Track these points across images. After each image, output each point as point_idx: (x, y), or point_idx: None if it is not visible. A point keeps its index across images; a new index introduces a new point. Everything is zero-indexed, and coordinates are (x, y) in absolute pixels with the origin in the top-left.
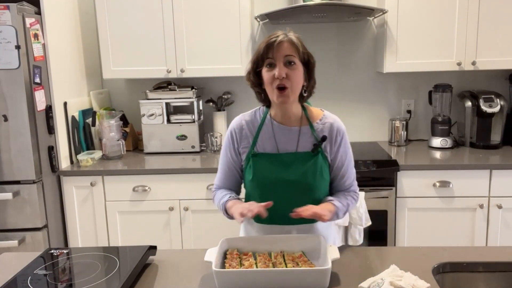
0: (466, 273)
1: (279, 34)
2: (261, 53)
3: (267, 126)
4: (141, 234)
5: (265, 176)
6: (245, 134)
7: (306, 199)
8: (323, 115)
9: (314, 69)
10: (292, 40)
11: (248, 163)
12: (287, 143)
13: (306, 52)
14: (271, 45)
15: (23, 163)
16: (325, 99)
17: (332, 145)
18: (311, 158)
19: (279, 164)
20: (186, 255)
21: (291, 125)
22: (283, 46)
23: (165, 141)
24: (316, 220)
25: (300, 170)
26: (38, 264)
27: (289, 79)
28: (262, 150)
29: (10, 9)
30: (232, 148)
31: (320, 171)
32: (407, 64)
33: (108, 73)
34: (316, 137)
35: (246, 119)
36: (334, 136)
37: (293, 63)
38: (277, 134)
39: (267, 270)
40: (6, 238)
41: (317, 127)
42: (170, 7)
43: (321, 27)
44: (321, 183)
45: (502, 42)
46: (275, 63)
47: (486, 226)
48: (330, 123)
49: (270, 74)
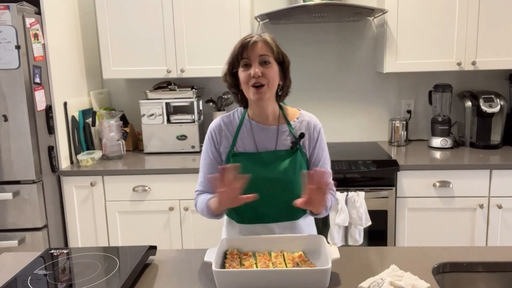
0: (466, 273)
1: (253, 35)
2: (236, 53)
3: (245, 126)
4: (141, 234)
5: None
6: (225, 135)
7: (287, 196)
8: (300, 113)
9: (289, 68)
10: (266, 40)
11: (228, 163)
12: (266, 141)
13: (280, 52)
14: (245, 46)
15: (23, 163)
16: (325, 99)
17: (310, 141)
18: (290, 155)
19: (259, 162)
20: (186, 255)
21: (269, 124)
22: (258, 46)
23: (165, 141)
24: (298, 217)
25: (280, 167)
26: (38, 264)
27: (265, 77)
28: (242, 149)
29: (10, 9)
30: (213, 148)
31: (300, 168)
32: (407, 64)
33: (108, 73)
34: (294, 135)
35: (225, 120)
36: (311, 132)
37: (268, 62)
38: (256, 134)
39: (267, 270)
40: (6, 238)
41: (295, 125)
42: (170, 7)
43: (321, 27)
44: (301, 179)
45: (502, 42)
46: (250, 63)
47: (486, 226)
48: (307, 121)
49: (246, 74)
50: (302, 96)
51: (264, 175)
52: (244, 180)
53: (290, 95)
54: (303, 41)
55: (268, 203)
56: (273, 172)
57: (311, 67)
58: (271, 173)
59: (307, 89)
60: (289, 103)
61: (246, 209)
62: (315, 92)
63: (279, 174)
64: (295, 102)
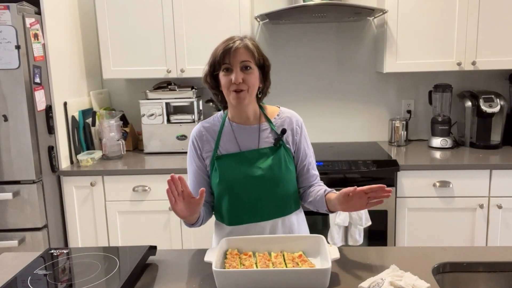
0: (466, 273)
1: (235, 39)
2: (218, 58)
3: (227, 128)
4: (141, 234)
5: (231, 176)
6: (206, 139)
7: (275, 192)
8: (280, 110)
9: (269, 71)
10: (248, 45)
11: (213, 167)
12: (249, 141)
13: (261, 56)
14: (227, 51)
15: (23, 163)
16: (325, 99)
17: (293, 135)
18: (274, 151)
19: (243, 162)
20: (186, 255)
21: (250, 124)
22: (239, 52)
23: (165, 141)
24: (288, 213)
25: (265, 164)
26: (38, 264)
27: (246, 83)
28: (225, 152)
29: (10, 9)
30: (195, 155)
31: (285, 163)
32: (407, 64)
33: (108, 73)
34: (276, 131)
35: (205, 125)
36: (294, 127)
37: (249, 68)
38: (238, 135)
39: (267, 270)
40: (6, 238)
41: (276, 122)
42: (170, 7)
43: (321, 27)
44: (287, 175)
45: (502, 42)
46: (231, 68)
47: (486, 226)
48: (288, 117)
49: (227, 79)
50: (302, 96)
51: (249, 174)
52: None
53: (290, 95)
54: (303, 41)
55: (257, 201)
56: (258, 170)
57: (311, 67)
58: (256, 171)
59: (307, 89)
60: (288, 103)
61: (235, 209)
62: (315, 92)
63: (264, 171)
64: (295, 102)
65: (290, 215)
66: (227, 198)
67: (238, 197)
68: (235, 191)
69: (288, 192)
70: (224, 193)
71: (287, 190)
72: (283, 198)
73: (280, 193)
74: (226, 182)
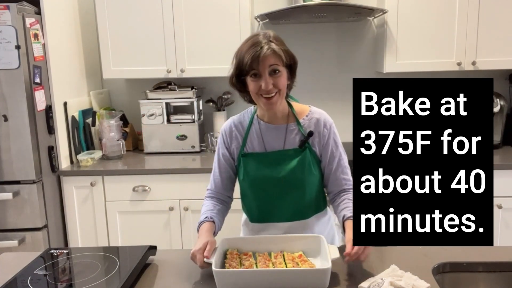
0: (466, 273)
1: (262, 43)
2: (246, 65)
3: (255, 126)
4: (141, 234)
5: (254, 175)
6: (235, 135)
7: (297, 195)
8: (310, 110)
9: (296, 68)
10: (275, 50)
11: (239, 163)
12: (274, 141)
13: (289, 55)
14: (255, 59)
15: (23, 163)
16: (325, 99)
17: (320, 138)
18: (298, 154)
19: (267, 162)
20: (186, 255)
21: (278, 123)
22: (267, 58)
23: (165, 141)
24: (309, 216)
25: (288, 166)
26: (38, 264)
27: (275, 86)
28: (251, 150)
29: (10, 9)
30: (225, 148)
31: (309, 167)
32: (407, 64)
33: (108, 73)
34: (303, 133)
35: (235, 121)
36: (321, 130)
37: (277, 71)
38: (264, 134)
39: (267, 270)
40: (6, 238)
41: (304, 123)
42: (170, 7)
43: (321, 27)
44: (310, 178)
45: (502, 42)
46: (260, 74)
47: None
48: (316, 118)
49: (257, 85)
50: (301, 96)
51: (272, 175)
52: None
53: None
54: (303, 41)
55: (279, 202)
56: (281, 172)
57: (311, 67)
58: (279, 173)
59: (307, 89)
60: None
61: (256, 209)
62: (315, 92)
63: (287, 173)
64: None
65: (313, 218)
66: (249, 196)
67: (259, 197)
68: (257, 191)
69: (309, 196)
70: (247, 190)
71: (308, 193)
72: (303, 201)
73: (301, 196)
74: (249, 181)
